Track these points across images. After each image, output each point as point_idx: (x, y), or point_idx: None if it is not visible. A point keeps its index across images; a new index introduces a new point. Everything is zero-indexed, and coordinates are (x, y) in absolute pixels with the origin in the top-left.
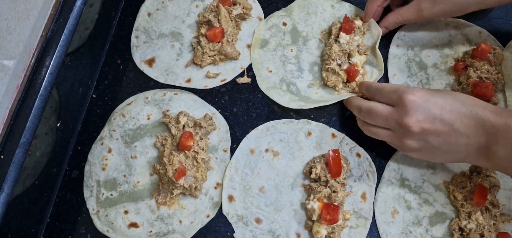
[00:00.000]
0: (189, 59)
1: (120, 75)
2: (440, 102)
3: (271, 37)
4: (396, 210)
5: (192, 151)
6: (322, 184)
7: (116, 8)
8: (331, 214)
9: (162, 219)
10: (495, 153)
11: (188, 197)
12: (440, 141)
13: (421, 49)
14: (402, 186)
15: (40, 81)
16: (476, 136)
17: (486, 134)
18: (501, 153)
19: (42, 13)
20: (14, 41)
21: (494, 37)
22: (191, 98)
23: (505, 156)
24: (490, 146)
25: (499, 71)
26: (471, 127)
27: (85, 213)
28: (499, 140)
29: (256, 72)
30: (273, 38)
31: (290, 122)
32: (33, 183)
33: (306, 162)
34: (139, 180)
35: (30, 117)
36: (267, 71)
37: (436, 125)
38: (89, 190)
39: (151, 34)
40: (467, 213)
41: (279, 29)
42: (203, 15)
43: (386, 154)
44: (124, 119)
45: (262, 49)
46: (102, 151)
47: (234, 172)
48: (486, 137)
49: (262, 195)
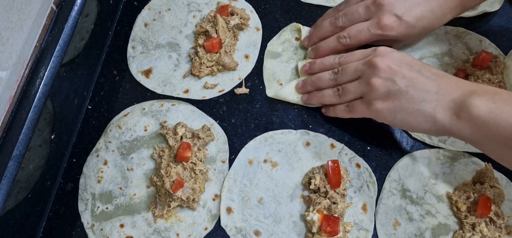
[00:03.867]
0: (187, 69)
1: (116, 86)
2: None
3: (284, 51)
4: (398, 221)
5: (190, 163)
6: (322, 195)
7: (112, 19)
8: (331, 226)
9: (159, 233)
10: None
11: (186, 210)
12: (407, 84)
13: (420, 58)
14: (403, 197)
15: (34, 92)
16: (448, 88)
17: (461, 88)
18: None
19: (36, 23)
20: (7, 51)
21: (495, 45)
22: (189, 109)
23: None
24: (465, 98)
25: (500, 79)
26: (443, 79)
27: (79, 227)
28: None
29: (267, 83)
30: (286, 52)
31: (289, 133)
32: (26, 197)
33: (305, 172)
34: (135, 193)
35: (23, 129)
36: (278, 84)
37: (402, 68)
38: (84, 204)
39: (148, 44)
40: (471, 224)
41: (291, 43)
42: (200, 26)
43: (387, 165)
44: (121, 131)
45: (275, 59)
46: (98, 163)
47: (233, 184)
48: (461, 91)
49: (261, 207)
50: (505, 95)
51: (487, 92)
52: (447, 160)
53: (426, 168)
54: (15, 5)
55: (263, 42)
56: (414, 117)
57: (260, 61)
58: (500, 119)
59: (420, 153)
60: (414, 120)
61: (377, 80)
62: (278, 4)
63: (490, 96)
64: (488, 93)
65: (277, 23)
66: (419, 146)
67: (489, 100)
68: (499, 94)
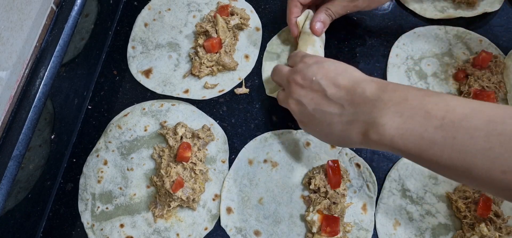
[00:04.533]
0: (187, 69)
1: (116, 86)
2: (330, 67)
3: (283, 52)
4: (398, 222)
5: (190, 163)
6: (322, 195)
7: (112, 19)
8: (331, 226)
9: (159, 233)
10: (377, 123)
11: (186, 210)
12: (314, 106)
13: (420, 58)
14: (403, 197)
15: (34, 92)
16: (351, 107)
17: (365, 104)
18: (385, 121)
19: (36, 23)
20: (7, 51)
21: (495, 45)
22: (189, 109)
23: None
24: (370, 116)
25: (500, 79)
26: (348, 95)
27: (79, 227)
28: (379, 108)
29: (266, 84)
30: (285, 53)
31: (289, 133)
32: (26, 197)
33: (305, 173)
34: (135, 193)
35: (23, 129)
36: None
37: (312, 85)
38: (84, 204)
39: (148, 44)
40: (471, 224)
41: (291, 43)
42: (200, 26)
43: (387, 165)
44: (121, 131)
45: (274, 61)
46: (98, 163)
47: (233, 184)
48: (364, 108)
49: (261, 207)
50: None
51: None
52: None
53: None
54: (15, 5)
55: (263, 42)
56: (330, 138)
57: (260, 61)
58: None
59: None
60: (332, 141)
61: (291, 102)
62: (278, 4)
63: (396, 108)
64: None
65: (277, 23)
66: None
67: (396, 114)
68: (407, 102)
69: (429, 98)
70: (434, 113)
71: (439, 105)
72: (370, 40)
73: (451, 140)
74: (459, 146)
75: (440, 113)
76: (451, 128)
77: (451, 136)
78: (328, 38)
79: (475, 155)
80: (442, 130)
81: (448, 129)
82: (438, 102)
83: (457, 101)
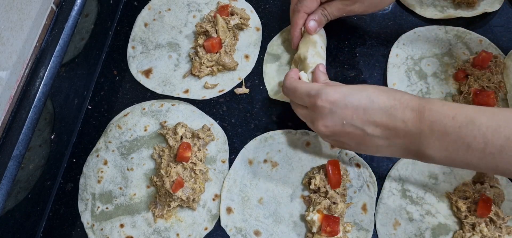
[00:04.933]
0: (187, 69)
1: (116, 86)
2: (353, 104)
3: (283, 52)
4: (398, 222)
5: (190, 163)
6: (322, 195)
7: (112, 18)
8: (331, 226)
9: (159, 233)
10: (426, 155)
11: (186, 210)
12: (357, 142)
13: (420, 58)
14: (403, 197)
15: (34, 92)
16: (396, 138)
17: (409, 137)
18: (433, 154)
19: (36, 23)
20: (7, 51)
21: (495, 45)
22: (189, 109)
23: (438, 156)
24: (418, 148)
25: (500, 79)
26: (387, 131)
27: (79, 227)
28: (424, 142)
29: (268, 86)
30: (285, 54)
31: (289, 133)
32: (26, 197)
33: (305, 172)
34: (135, 193)
35: (23, 129)
36: (279, 86)
37: (346, 128)
38: (84, 204)
39: (148, 44)
40: (471, 224)
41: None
42: (200, 26)
43: (387, 164)
44: (121, 131)
45: (274, 63)
46: (98, 163)
47: (233, 184)
48: (410, 140)
49: (261, 207)
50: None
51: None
52: None
53: (426, 168)
54: (15, 5)
55: (263, 42)
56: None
57: (260, 61)
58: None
59: None
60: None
61: (329, 141)
62: (278, 4)
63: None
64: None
65: (277, 23)
66: None
67: (442, 149)
68: (448, 136)
69: (466, 129)
70: (475, 146)
71: (477, 139)
72: (370, 40)
73: (494, 167)
74: (502, 170)
75: (480, 146)
76: (491, 159)
77: (494, 165)
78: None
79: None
80: (484, 160)
81: (489, 159)
82: (476, 135)
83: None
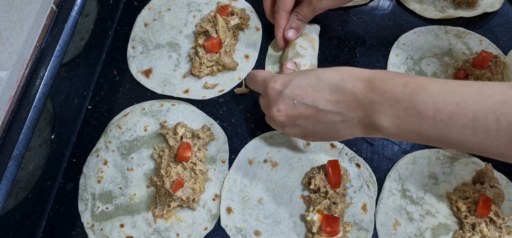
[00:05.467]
0: (187, 69)
1: (116, 86)
2: (301, 84)
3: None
4: (398, 221)
5: (190, 163)
6: (322, 195)
7: (112, 18)
8: (331, 226)
9: (159, 233)
10: (379, 126)
11: (186, 210)
12: (312, 122)
13: (420, 58)
14: (403, 197)
15: (34, 92)
16: (349, 111)
17: (361, 108)
18: (385, 124)
19: (36, 23)
20: (7, 51)
21: (495, 45)
22: (189, 109)
23: (391, 126)
24: (371, 120)
25: (500, 79)
26: (340, 104)
27: (79, 227)
28: (376, 110)
29: None
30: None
31: None
32: (26, 197)
33: (305, 172)
34: (135, 193)
35: (23, 129)
36: None
37: (299, 108)
38: (84, 204)
39: (148, 44)
40: (471, 224)
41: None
42: (200, 26)
43: (387, 165)
44: (121, 131)
45: (276, 64)
46: (98, 163)
47: (233, 184)
48: (363, 111)
49: (261, 207)
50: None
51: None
52: (447, 160)
53: (426, 168)
54: (15, 5)
55: (263, 42)
56: (337, 138)
57: (260, 61)
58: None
59: (420, 153)
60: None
61: (287, 130)
62: None
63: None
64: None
65: None
66: (419, 146)
67: (393, 116)
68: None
69: (417, 96)
70: (426, 114)
71: (427, 105)
72: (370, 40)
73: (446, 137)
74: (454, 141)
75: (431, 113)
76: (442, 127)
77: (445, 134)
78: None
79: (468, 148)
80: (435, 128)
81: (440, 128)
82: (427, 101)
83: (442, 96)
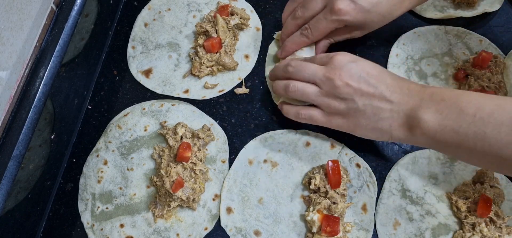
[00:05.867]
0: (187, 69)
1: (116, 86)
2: (370, 65)
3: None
4: (398, 221)
5: (190, 163)
6: (322, 195)
7: (112, 18)
8: (331, 226)
9: (159, 233)
10: (422, 119)
11: (186, 210)
12: (365, 102)
13: (420, 58)
14: (403, 197)
15: (34, 92)
16: (400, 103)
17: (412, 101)
18: (427, 117)
19: (36, 23)
20: (7, 51)
21: (495, 45)
22: (189, 109)
23: (432, 119)
24: (416, 113)
25: (500, 79)
26: (396, 93)
27: (79, 227)
28: (422, 105)
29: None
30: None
31: (289, 133)
32: (26, 197)
33: (305, 173)
34: (135, 193)
35: (23, 129)
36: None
37: (361, 84)
38: (84, 204)
39: (148, 44)
40: (471, 224)
41: None
42: (200, 26)
43: (387, 165)
44: (121, 131)
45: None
46: (98, 163)
47: (233, 184)
48: (412, 104)
49: (261, 207)
50: (449, 101)
51: (433, 101)
52: (447, 160)
53: (426, 168)
54: (15, 5)
55: (263, 42)
56: (372, 132)
57: (260, 61)
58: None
59: (420, 153)
60: (372, 135)
61: (336, 100)
62: (278, 4)
63: (436, 107)
64: (434, 103)
65: (277, 23)
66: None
67: (437, 112)
68: (444, 102)
69: (462, 96)
70: (466, 110)
71: (470, 104)
72: (370, 40)
73: (482, 135)
74: (488, 140)
75: (472, 111)
76: (481, 124)
77: (482, 131)
78: None
79: (501, 148)
80: (474, 125)
81: (478, 125)
82: (470, 101)
83: (485, 99)
